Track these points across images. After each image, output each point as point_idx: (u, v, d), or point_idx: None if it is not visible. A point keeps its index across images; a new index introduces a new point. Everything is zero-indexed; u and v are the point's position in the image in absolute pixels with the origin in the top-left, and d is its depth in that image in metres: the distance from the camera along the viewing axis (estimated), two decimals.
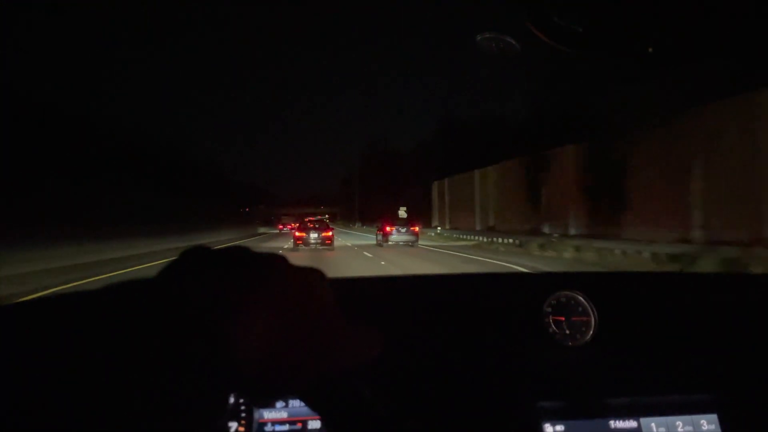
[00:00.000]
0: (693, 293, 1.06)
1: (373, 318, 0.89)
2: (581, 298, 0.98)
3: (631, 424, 0.84)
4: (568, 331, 0.97)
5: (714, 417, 0.84)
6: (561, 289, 0.99)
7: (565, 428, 0.83)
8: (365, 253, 15.30)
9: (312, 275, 0.33)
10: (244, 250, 0.32)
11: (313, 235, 15.93)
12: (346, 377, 0.34)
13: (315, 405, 0.34)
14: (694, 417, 0.84)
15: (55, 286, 8.04)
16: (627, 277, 1.28)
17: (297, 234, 16.52)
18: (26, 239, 10.14)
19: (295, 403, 0.88)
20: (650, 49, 0.93)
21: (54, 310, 0.29)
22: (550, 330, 0.98)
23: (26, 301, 0.31)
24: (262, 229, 46.76)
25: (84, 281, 9.03)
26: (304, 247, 16.04)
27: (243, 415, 0.86)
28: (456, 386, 0.85)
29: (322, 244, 15.87)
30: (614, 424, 0.83)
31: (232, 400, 0.86)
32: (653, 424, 0.84)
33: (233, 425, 0.85)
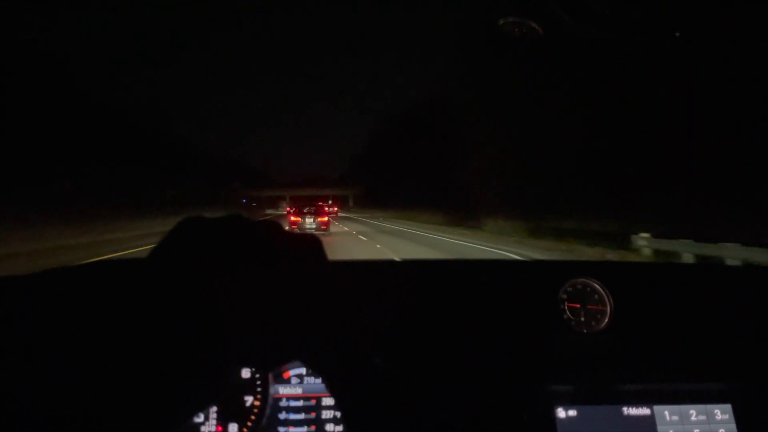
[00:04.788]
0: (709, 284, 1.05)
1: (385, 296, 0.89)
2: (597, 286, 0.97)
3: (644, 411, 0.84)
4: (583, 318, 0.97)
5: (728, 407, 0.84)
6: (577, 276, 0.99)
7: (578, 413, 0.83)
8: None
9: (308, 242, 0.33)
10: (239, 219, 0.31)
11: (309, 220, 15.76)
12: (352, 345, 0.33)
13: (320, 371, 0.34)
14: (708, 406, 0.84)
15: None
16: (643, 266, 1.27)
17: (292, 219, 16.21)
18: None
19: (310, 380, 0.89)
20: (677, 33, 0.91)
21: (53, 287, 0.28)
22: (565, 316, 0.97)
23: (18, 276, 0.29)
24: (269, 211, 47.03)
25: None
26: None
27: (259, 389, 0.87)
28: (469, 368, 0.85)
29: (318, 229, 15.72)
30: (627, 410, 0.83)
31: (247, 375, 0.88)
32: (666, 412, 0.83)
33: (249, 399, 0.86)
